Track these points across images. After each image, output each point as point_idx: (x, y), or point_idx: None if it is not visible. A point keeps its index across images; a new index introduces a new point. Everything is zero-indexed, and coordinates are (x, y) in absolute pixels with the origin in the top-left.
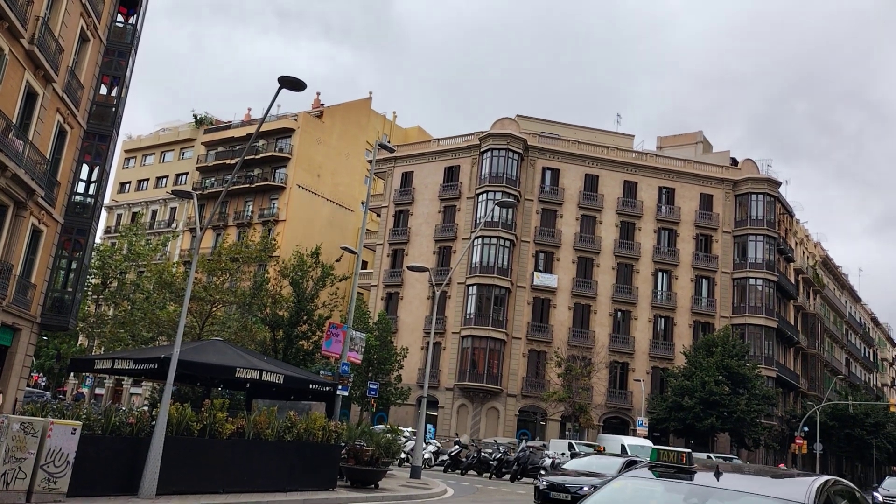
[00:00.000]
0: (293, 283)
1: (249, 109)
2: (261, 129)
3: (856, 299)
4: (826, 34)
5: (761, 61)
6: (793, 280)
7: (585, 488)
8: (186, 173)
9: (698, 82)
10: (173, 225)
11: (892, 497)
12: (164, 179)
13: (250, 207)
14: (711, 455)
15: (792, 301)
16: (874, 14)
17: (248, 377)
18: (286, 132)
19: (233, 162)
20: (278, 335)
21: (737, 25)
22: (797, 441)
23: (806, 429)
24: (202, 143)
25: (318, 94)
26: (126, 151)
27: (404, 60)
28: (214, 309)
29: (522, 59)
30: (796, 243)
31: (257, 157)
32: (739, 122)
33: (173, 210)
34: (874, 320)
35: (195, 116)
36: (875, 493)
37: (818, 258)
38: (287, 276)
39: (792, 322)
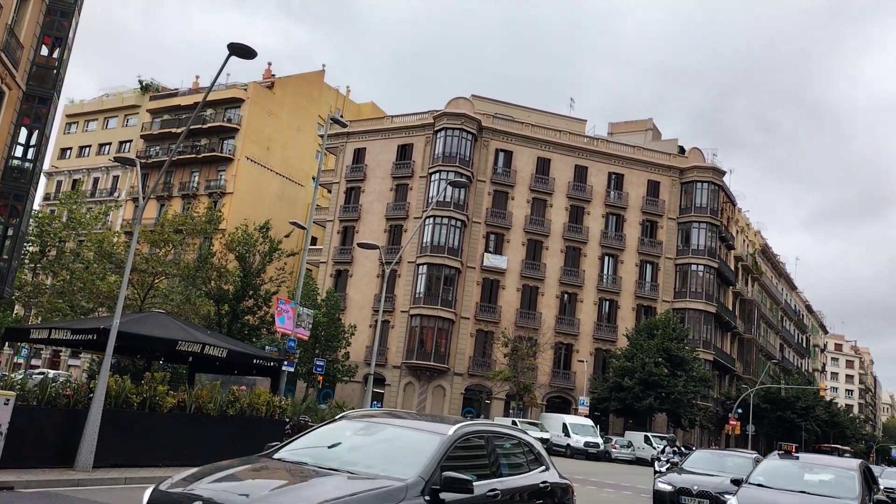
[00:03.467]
0: (239, 258)
1: (197, 77)
2: (209, 98)
3: (792, 287)
4: (769, 34)
5: (707, 57)
6: (732, 267)
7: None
8: (130, 141)
9: (647, 73)
10: (115, 194)
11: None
12: (107, 146)
13: (196, 178)
14: (649, 434)
15: (731, 287)
16: (815, 16)
17: (191, 350)
18: (235, 102)
19: (179, 131)
20: (223, 309)
21: (686, 20)
22: (731, 422)
23: (739, 411)
24: (147, 111)
25: (270, 64)
26: (68, 116)
27: (361, 39)
28: (157, 281)
29: (478, 43)
30: (737, 231)
31: (204, 126)
32: (683, 115)
33: (116, 178)
34: (808, 308)
35: (141, 83)
36: None
37: (758, 246)
38: (233, 250)
39: (730, 307)
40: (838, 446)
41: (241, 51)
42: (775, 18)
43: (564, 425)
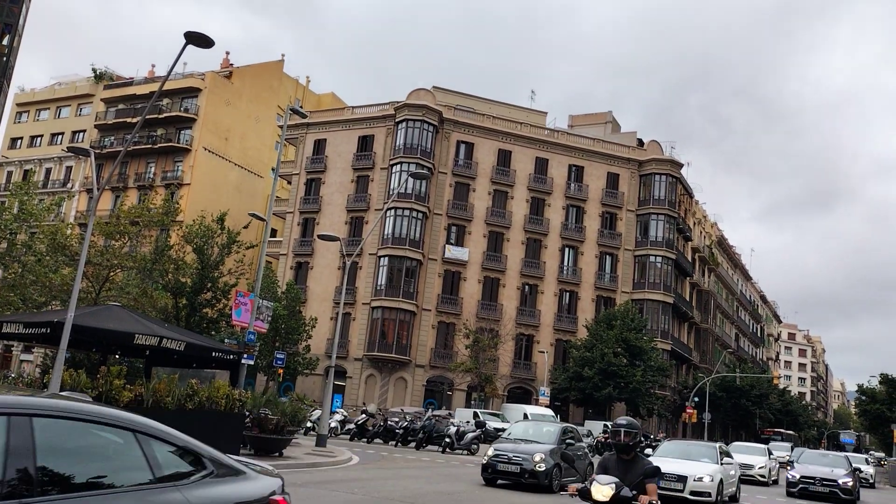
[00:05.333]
0: (197, 250)
1: (153, 66)
2: (165, 88)
3: (747, 278)
4: (721, 31)
5: (662, 53)
6: (690, 258)
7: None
8: (84, 131)
9: (605, 68)
10: (69, 185)
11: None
12: (60, 136)
13: (152, 169)
14: (608, 423)
15: (688, 278)
16: (767, 14)
17: (148, 344)
18: (192, 92)
19: (134, 120)
20: (181, 302)
21: (641, 17)
22: (687, 410)
23: (696, 399)
24: (102, 100)
25: (228, 53)
26: (18, 105)
27: (321, 30)
28: (112, 274)
29: (439, 35)
30: (694, 223)
31: (161, 116)
32: (640, 110)
33: (69, 169)
34: (763, 298)
35: (94, 71)
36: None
37: (714, 238)
38: (191, 242)
39: (687, 298)
40: (781, 431)
41: (198, 39)
42: (728, 16)
43: (525, 415)
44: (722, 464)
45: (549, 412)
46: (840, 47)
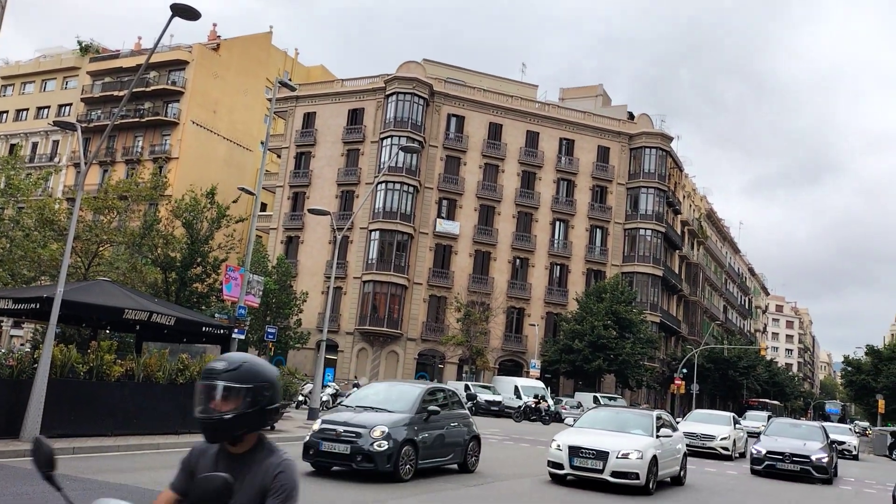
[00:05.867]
0: (186, 224)
1: (140, 38)
2: (152, 61)
3: (735, 251)
4: (713, 5)
5: (653, 27)
6: (679, 231)
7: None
8: (70, 104)
9: (596, 42)
10: (56, 159)
11: (754, 429)
12: (46, 110)
13: (140, 143)
14: (598, 395)
15: (677, 251)
16: None
17: (138, 319)
18: (180, 64)
19: (121, 94)
20: (170, 277)
21: None
22: (676, 382)
23: (685, 371)
24: (88, 73)
25: (215, 25)
26: (3, 78)
27: (310, 3)
28: (101, 249)
29: (429, 9)
30: (684, 196)
31: (148, 89)
32: (631, 84)
33: (56, 143)
34: (751, 270)
35: (80, 44)
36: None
37: (703, 211)
38: (180, 217)
39: (676, 271)
40: (767, 401)
41: (185, 11)
42: None
43: (516, 388)
44: (659, 436)
45: (540, 384)
46: (832, 22)
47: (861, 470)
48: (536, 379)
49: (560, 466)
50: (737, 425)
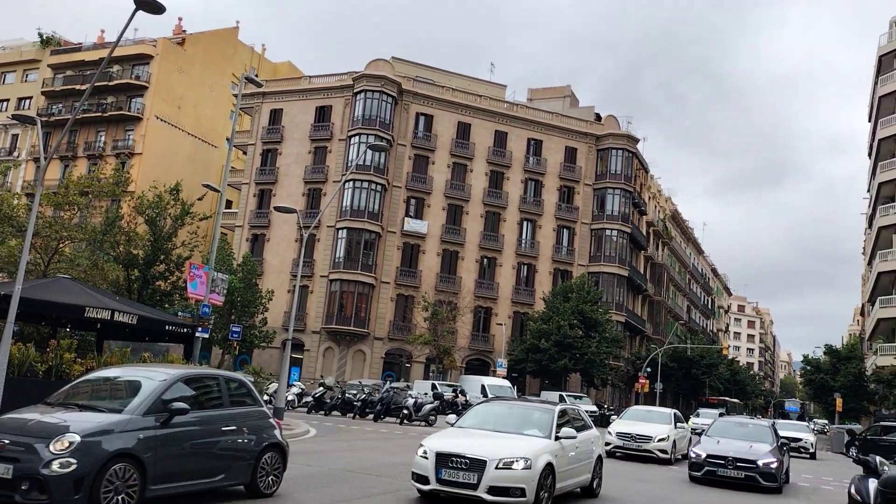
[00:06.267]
0: (149, 221)
1: (103, 31)
2: (115, 54)
3: (699, 251)
4: (678, 8)
5: (619, 29)
6: (644, 232)
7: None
8: (31, 97)
9: (564, 43)
10: (15, 153)
11: (702, 426)
12: (5, 103)
13: (103, 138)
14: (563, 394)
15: (643, 251)
16: None
17: (99, 317)
18: (144, 59)
19: (83, 87)
20: (133, 275)
21: None
22: (640, 381)
23: (649, 369)
24: (49, 66)
25: (180, 19)
26: None
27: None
28: (61, 245)
29: (398, 7)
30: (649, 197)
31: (111, 83)
32: (597, 85)
33: (15, 137)
34: (714, 271)
35: (41, 36)
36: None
37: (668, 212)
38: (143, 213)
39: (641, 271)
40: (727, 399)
41: (149, 5)
42: None
43: (483, 387)
44: (559, 437)
45: (507, 383)
46: (792, 27)
47: (818, 469)
48: (503, 378)
49: (425, 480)
50: (679, 423)
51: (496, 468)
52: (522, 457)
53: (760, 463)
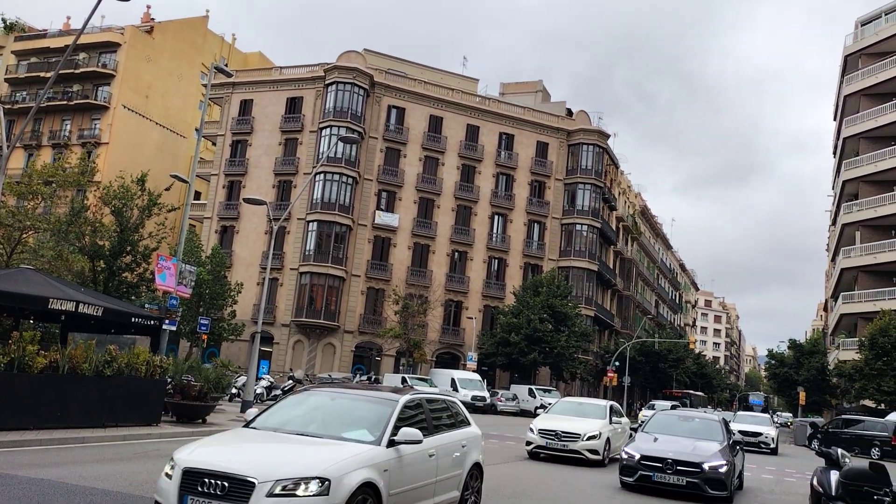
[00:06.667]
0: (115, 212)
1: (69, 18)
2: (82, 42)
3: (667, 247)
4: (649, 7)
5: (591, 26)
6: (614, 227)
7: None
8: None
9: (536, 39)
10: None
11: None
12: None
13: (68, 127)
14: (533, 387)
15: (612, 246)
16: None
17: (63, 309)
18: (111, 46)
19: (48, 75)
20: (98, 266)
21: None
22: (609, 374)
23: (617, 363)
24: (13, 52)
25: (149, 7)
26: None
27: None
28: (25, 236)
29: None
30: (619, 193)
31: (77, 71)
32: (569, 81)
33: None
34: (682, 266)
35: (4, 21)
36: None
37: (637, 208)
38: (109, 204)
39: (611, 266)
40: (691, 392)
41: None
42: None
43: (453, 380)
44: (394, 443)
45: (477, 377)
46: (761, 27)
47: (779, 465)
48: (473, 371)
49: None
50: (616, 418)
51: (269, 495)
52: (316, 476)
53: (706, 466)
